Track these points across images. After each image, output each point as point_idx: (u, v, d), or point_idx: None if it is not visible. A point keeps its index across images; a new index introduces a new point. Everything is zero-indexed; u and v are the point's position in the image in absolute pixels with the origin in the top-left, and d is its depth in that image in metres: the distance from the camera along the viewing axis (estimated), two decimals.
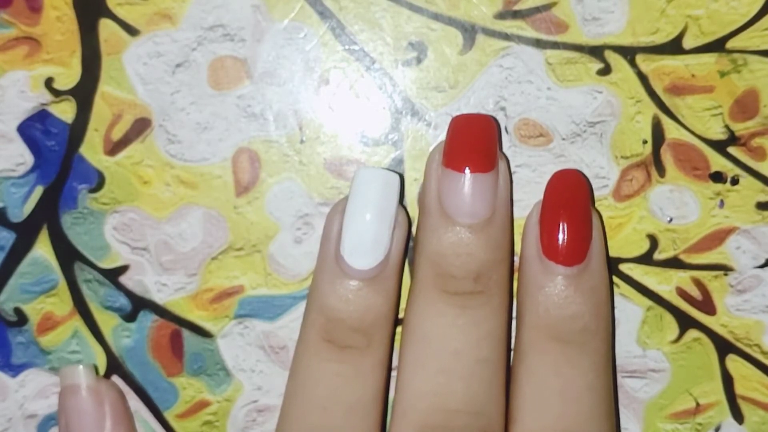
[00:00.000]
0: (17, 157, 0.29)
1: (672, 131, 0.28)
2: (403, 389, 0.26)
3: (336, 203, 0.27)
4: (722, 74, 0.28)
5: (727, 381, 0.29)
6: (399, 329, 0.28)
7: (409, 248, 0.28)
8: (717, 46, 0.28)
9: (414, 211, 0.29)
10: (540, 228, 0.26)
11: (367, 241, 0.26)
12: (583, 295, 0.26)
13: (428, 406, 0.26)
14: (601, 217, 0.28)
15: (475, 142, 0.26)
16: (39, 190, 0.29)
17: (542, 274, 0.26)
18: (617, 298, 0.29)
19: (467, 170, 0.26)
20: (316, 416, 0.26)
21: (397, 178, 0.26)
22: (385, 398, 0.27)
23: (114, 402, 0.29)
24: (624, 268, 0.29)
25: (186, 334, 0.29)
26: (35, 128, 0.28)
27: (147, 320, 0.29)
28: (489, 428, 0.26)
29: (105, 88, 0.28)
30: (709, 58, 0.28)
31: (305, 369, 0.27)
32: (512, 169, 0.28)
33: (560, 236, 0.26)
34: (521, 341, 0.27)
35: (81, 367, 0.28)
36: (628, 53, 0.28)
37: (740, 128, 0.28)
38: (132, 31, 0.28)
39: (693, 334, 0.29)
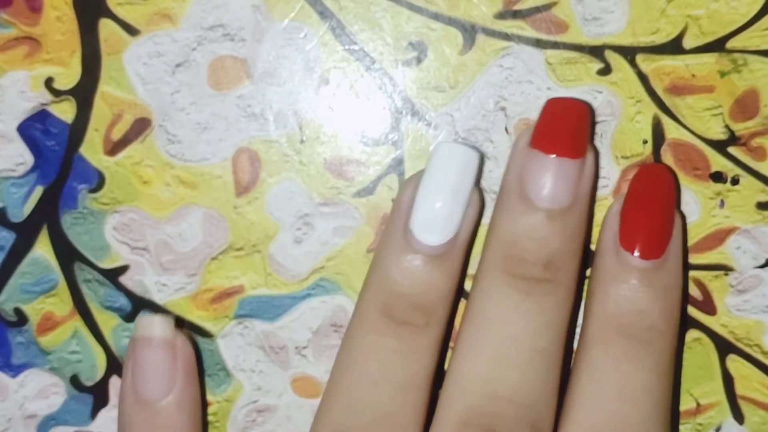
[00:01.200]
0: (17, 157, 0.29)
1: (672, 131, 0.28)
2: (455, 370, 0.26)
3: (410, 176, 0.27)
4: (722, 74, 0.28)
5: (728, 381, 0.29)
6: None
7: None
8: (717, 46, 0.28)
9: None
10: (620, 219, 0.26)
11: (440, 217, 0.25)
12: (655, 292, 0.25)
13: (479, 390, 0.25)
14: (684, 219, 0.28)
15: (566, 126, 0.25)
16: (39, 190, 0.29)
17: (617, 266, 0.26)
18: None
19: (554, 154, 0.25)
20: (365, 390, 0.26)
21: (477, 156, 0.26)
22: (435, 380, 0.27)
23: (187, 360, 0.27)
24: None
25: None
26: (35, 128, 0.28)
27: None
28: (539, 423, 0.25)
29: (105, 88, 0.28)
30: (709, 58, 0.28)
31: (360, 342, 0.26)
32: None
33: (640, 228, 0.25)
34: (586, 333, 0.26)
35: (159, 318, 0.27)
36: (628, 53, 0.28)
37: (740, 128, 0.28)
38: (132, 31, 0.28)
39: (693, 334, 0.29)
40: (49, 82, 0.28)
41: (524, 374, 0.25)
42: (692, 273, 0.29)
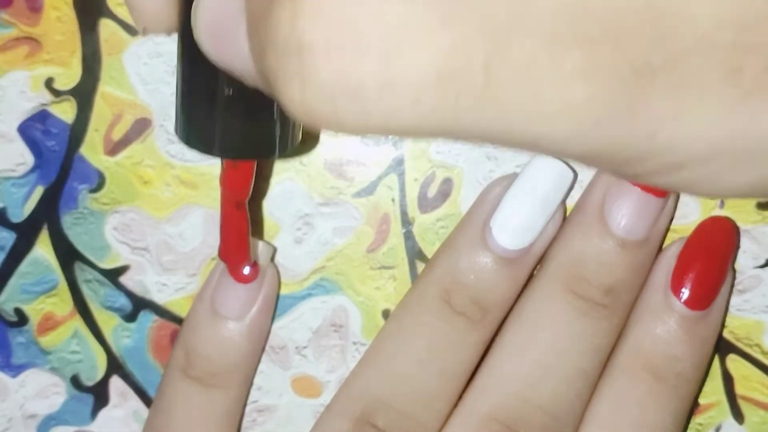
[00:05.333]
0: (17, 157, 0.29)
1: None
2: (495, 365, 0.26)
3: (501, 177, 0.27)
4: None
5: (728, 381, 0.29)
6: None
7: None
8: None
9: (415, 211, 0.29)
10: (677, 262, 0.26)
11: (522, 223, 0.26)
12: (692, 342, 0.26)
13: (514, 391, 0.26)
14: (734, 277, 0.28)
15: None
16: (39, 190, 0.29)
17: (662, 305, 0.26)
18: None
19: (640, 187, 0.26)
20: (409, 366, 0.26)
21: (571, 176, 0.26)
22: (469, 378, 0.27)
23: (270, 293, 0.28)
24: None
25: None
26: (35, 128, 0.28)
27: (147, 320, 0.29)
28: None
29: (105, 88, 0.28)
30: None
31: (414, 318, 0.26)
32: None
33: (692, 278, 0.26)
34: (616, 361, 0.26)
35: (261, 243, 0.28)
36: None
37: None
38: (132, 31, 0.28)
39: None
40: (49, 83, 0.28)
41: (562, 388, 0.26)
42: None
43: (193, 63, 0.21)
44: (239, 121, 0.22)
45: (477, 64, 0.16)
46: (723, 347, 0.29)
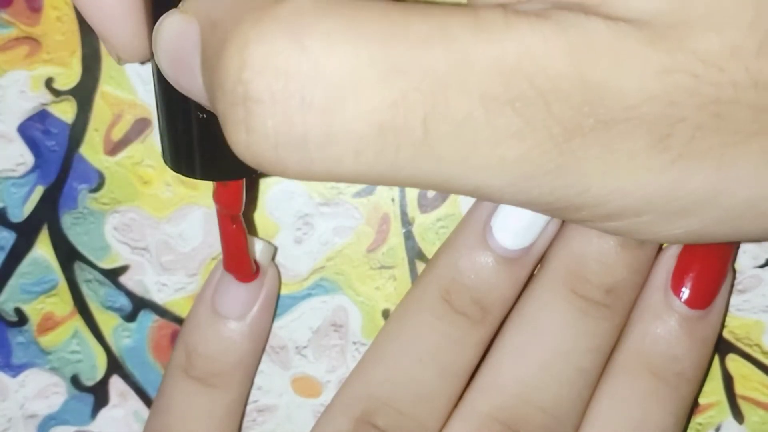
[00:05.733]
0: (17, 157, 0.29)
1: None
2: (495, 366, 0.26)
3: None
4: None
5: (728, 381, 0.29)
6: None
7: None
8: None
9: (415, 211, 0.29)
10: (677, 262, 0.26)
11: (522, 223, 0.26)
12: (692, 342, 0.26)
13: (515, 392, 0.26)
14: (734, 277, 0.28)
15: None
16: (39, 190, 0.29)
17: (662, 305, 0.26)
18: None
19: None
20: (409, 365, 0.26)
21: None
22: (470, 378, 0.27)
23: (270, 293, 0.28)
24: None
25: None
26: (35, 128, 0.28)
27: (147, 320, 0.29)
28: None
29: (105, 88, 0.28)
30: None
31: (414, 317, 0.26)
32: None
33: (692, 277, 0.26)
34: (616, 360, 0.26)
35: (262, 242, 0.28)
36: None
37: None
38: None
39: None
40: (49, 82, 0.28)
41: (563, 389, 0.26)
42: None
43: (168, 89, 0.21)
44: (216, 144, 0.21)
45: (416, 120, 0.17)
46: (723, 347, 0.29)
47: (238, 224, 0.26)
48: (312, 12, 0.17)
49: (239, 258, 0.26)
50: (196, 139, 0.22)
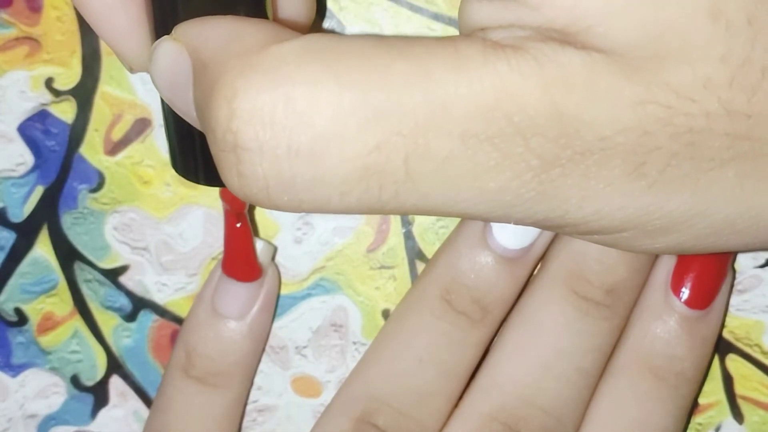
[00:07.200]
0: (17, 157, 0.29)
1: None
2: (495, 366, 0.26)
3: None
4: None
5: (727, 381, 0.29)
6: None
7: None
8: None
9: None
10: (677, 262, 0.26)
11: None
12: (692, 342, 0.26)
13: (515, 392, 0.26)
14: (733, 278, 0.28)
15: None
16: (39, 190, 0.29)
17: (662, 305, 0.26)
18: None
19: None
20: (409, 365, 0.26)
21: None
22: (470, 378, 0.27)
23: (270, 292, 0.28)
24: None
25: None
26: (35, 128, 0.28)
27: (147, 320, 0.29)
28: None
29: (105, 88, 0.28)
30: None
31: (414, 317, 0.26)
32: None
33: (692, 277, 0.26)
34: (616, 360, 0.26)
35: (262, 243, 0.28)
36: None
37: None
38: None
39: None
40: (49, 82, 0.28)
41: (562, 389, 0.26)
42: None
43: None
44: None
45: (398, 160, 0.18)
46: (723, 347, 0.29)
47: (243, 222, 0.26)
48: (294, 60, 0.18)
49: (244, 257, 0.26)
50: (198, 147, 0.23)
